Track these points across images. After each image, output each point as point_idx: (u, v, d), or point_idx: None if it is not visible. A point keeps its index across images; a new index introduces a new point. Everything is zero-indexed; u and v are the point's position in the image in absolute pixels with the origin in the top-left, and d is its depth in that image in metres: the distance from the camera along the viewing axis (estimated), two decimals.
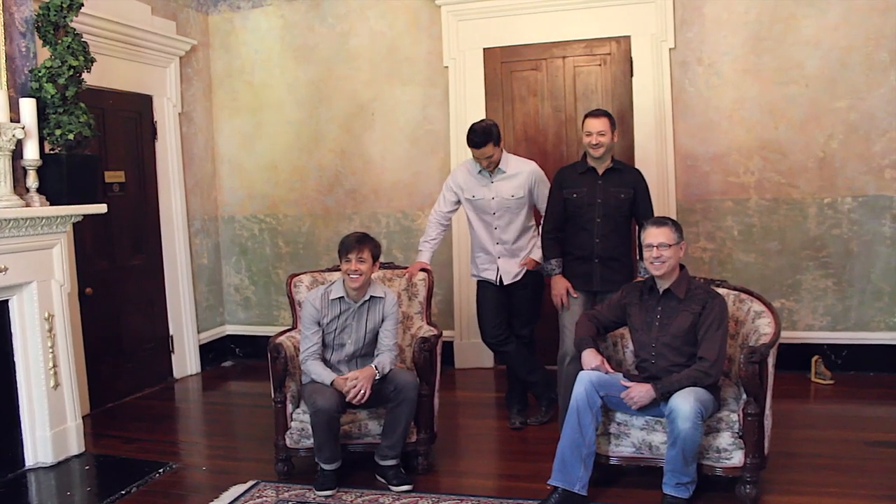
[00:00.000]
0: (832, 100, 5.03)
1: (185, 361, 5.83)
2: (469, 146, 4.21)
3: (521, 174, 4.31)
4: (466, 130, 4.22)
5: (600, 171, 4.07)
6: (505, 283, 4.36)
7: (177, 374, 5.77)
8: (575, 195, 4.09)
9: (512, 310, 4.42)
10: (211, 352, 6.10)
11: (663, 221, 3.48)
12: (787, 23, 5.06)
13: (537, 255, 4.32)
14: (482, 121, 4.28)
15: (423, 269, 4.30)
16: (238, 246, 6.28)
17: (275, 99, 6.07)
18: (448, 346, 5.50)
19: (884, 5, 4.89)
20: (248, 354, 6.26)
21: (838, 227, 5.10)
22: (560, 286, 4.14)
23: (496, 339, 4.39)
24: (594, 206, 4.05)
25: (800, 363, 5.08)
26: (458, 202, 4.43)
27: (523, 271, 4.33)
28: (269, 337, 3.90)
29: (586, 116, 4.09)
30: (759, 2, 5.10)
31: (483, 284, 4.45)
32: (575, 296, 4.12)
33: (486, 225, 4.35)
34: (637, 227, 4.00)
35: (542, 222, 4.31)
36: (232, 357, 6.31)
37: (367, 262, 3.64)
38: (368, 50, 5.82)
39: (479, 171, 4.31)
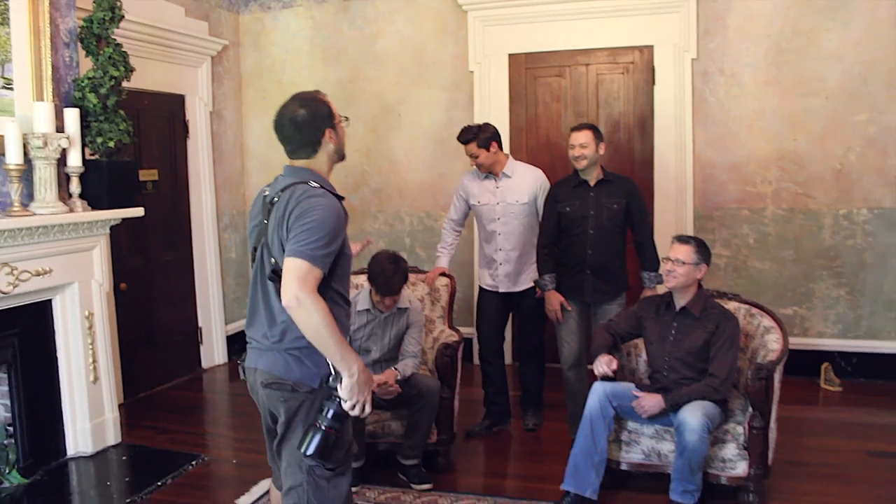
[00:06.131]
0: (852, 113, 5.10)
1: (213, 352, 6.04)
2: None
3: (525, 180, 4.36)
4: None
5: (592, 183, 4.12)
6: (501, 290, 4.41)
7: (205, 364, 5.99)
8: (568, 209, 4.13)
9: (520, 319, 4.53)
10: (237, 342, 6.29)
11: (687, 240, 3.58)
12: (809, 36, 5.12)
13: None
14: (483, 124, 4.36)
15: (443, 274, 4.44)
16: None
17: None
18: (467, 342, 5.63)
19: None
20: None
21: (853, 238, 5.19)
22: (554, 301, 4.18)
23: (489, 352, 4.50)
24: (587, 219, 4.09)
25: (810, 369, 5.19)
26: (469, 208, 4.52)
27: (528, 285, 4.40)
28: None
29: (571, 130, 4.16)
30: (781, 14, 5.16)
31: (484, 294, 4.52)
32: (569, 308, 4.17)
33: (490, 233, 4.41)
34: (634, 238, 4.15)
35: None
36: None
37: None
38: (396, 53, 5.95)
39: (486, 177, 4.39)
